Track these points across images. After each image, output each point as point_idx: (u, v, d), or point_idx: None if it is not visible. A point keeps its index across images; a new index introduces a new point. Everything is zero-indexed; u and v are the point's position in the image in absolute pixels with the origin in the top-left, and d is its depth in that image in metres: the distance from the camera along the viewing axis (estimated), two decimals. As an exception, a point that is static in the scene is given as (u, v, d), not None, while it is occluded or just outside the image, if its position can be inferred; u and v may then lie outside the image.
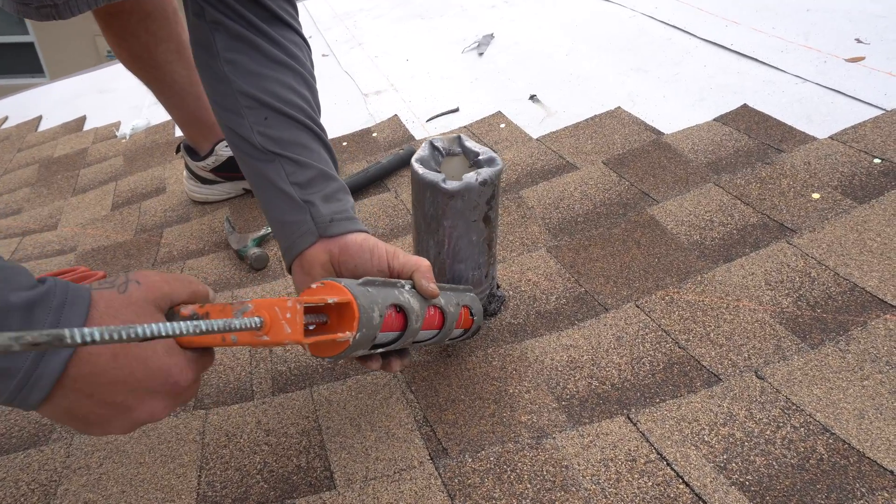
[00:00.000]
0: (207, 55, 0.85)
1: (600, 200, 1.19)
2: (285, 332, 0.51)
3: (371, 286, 0.64)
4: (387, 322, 0.65)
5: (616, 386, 0.82)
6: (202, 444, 0.80)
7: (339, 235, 0.77)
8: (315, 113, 0.86)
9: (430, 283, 0.72)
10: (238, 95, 0.82)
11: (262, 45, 0.84)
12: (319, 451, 0.77)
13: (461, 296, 0.84)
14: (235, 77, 0.82)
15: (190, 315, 0.55)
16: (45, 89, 2.86)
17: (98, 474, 0.76)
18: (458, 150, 0.94)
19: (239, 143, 0.83)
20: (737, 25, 1.67)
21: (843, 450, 0.67)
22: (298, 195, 0.78)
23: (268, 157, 0.80)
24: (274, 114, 0.81)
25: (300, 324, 0.51)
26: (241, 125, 0.82)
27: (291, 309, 0.51)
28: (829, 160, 1.11)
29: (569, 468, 0.70)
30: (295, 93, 0.83)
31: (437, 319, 0.76)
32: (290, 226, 0.78)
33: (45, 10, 0.83)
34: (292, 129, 0.81)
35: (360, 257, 0.75)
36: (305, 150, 0.81)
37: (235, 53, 0.83)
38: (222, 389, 0.91)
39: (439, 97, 1.78)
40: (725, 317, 0.88)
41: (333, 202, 0.79)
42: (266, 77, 0.83)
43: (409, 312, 0.68)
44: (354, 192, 1.43)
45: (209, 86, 0.87)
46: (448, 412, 0.81)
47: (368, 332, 0.60)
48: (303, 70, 0.87)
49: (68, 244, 1.52)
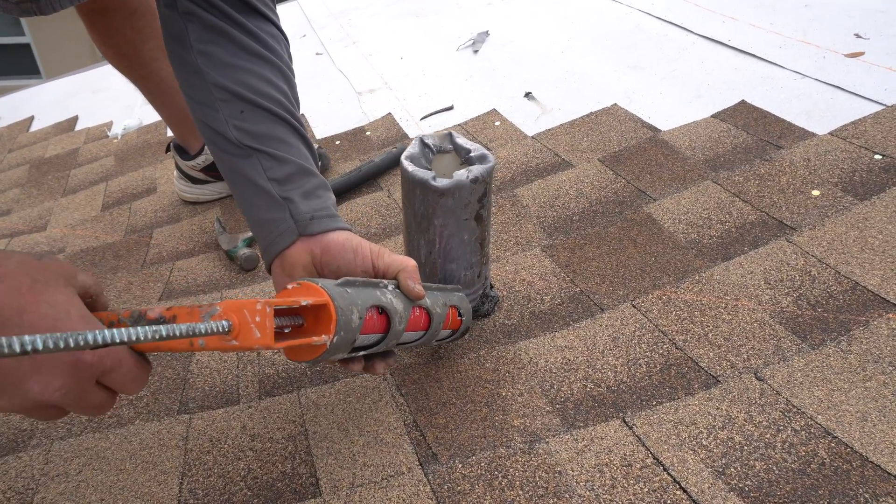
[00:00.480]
0: (180, 47, 0.82)
1: (596, 198, 1.17)
2: (255, 337, 0.48)
3: (350, 287, 0.61)
4: (368, 324, 0.62)
5: (611, 388, 0.80)
6: (185, 449, 0.77)
7: (320, 234, 0.74)
8: (293, 107, 0.82)
9: (415, 283, 0.70)
10: (212, 88, 0.79)
11: (238, 37, 0.81)
12: (305, 457, 0.75)
13: (449, 296, 0.82)
14: (209, 69, 0.79)
15: (156, 318, 0.52)
16: (38, 89, 2.84)
17: (77, 482, 0.74)
18: (450, 147, 0.92)
19: (214, 139, 0.80)
20: (734, 21, 1.65)
21: (845, 454, 0.65)
22: (277, 192, 0.75)
23: (244, 152, 0.77)
24: (250, 107, 0.78)
25: (270, 328, 0.48)
26: (216, 119, 0.78)
27: (261, 312, 0.48)
28: (828, 156, 1.09)
29: (562, 474, 0.68)
30: (272, 85, 0.80)
31: (423, 320, 0.74)
32: (268, 224, 0.75)
33: (26, 5, 0.80)
34: (269, 122, 0.78)
35: (342, 257, 0.72)
36: (284, 144, 0.78)
37: (209, 45, 0.80)
38: (208, 393, 0.89)
39: (434, 95, 1.76)
40: (724, 317, 0.86)
41: (314, 199, 0.76)
42: (241, 69, 0.80)
43: (391, 314, 0.65)
44: (347, 192, 1.40)
45: (182, 79, 0.84)
46: (439, 416, 0.78)
47: (347, 335, 0.57)
48: (280, 63, 0.84)
49: (57, 245, 1.50)
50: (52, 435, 0.83)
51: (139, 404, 0.87)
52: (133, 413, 0.86)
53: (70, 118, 2.37)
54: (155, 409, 0.86)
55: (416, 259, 0.92)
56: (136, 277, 1.26)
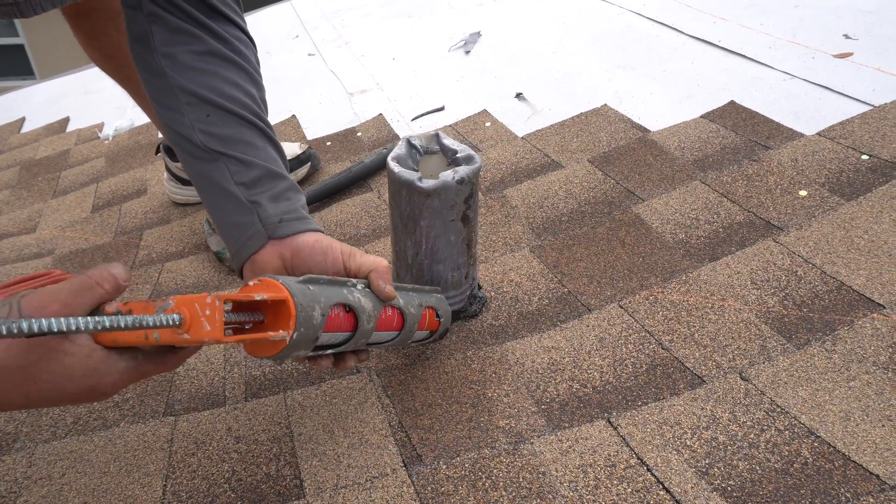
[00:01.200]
0: (144, 49, 0.81)
1: (585, 199, 1.17)
2: (204, 330, 0.49)
3: (314, 284, 0.61)
4: (333, 321, 0.62)
5: (597, 389, 0.80)
6: (170, 452, 0.77)
7: (289, 236, 0.73)
8: (261, 109, 0.82)
9: (385, 284, 0.70)
10: (177, 91, 0.78)
11: (203, 39, 0.80)
12: (290, 459, 0.75)
13: (426, 297, 0.81)
14: (174, 72, 0.78)
15: (113, 312, 0.53)
16: (29, 90, 2.83)
17: (60, 485, 0.73)
18: (437, 148, 0.92)
19: (180, 143, 0.79)
20: (724, 22, 1.65)
21: (828, 453, 0.65)
22: (244, 195, 0.75)
23: (211, 156, 0.76)
24: (216, 110, 0.77)
25: (220, 321, 0.49)
26: (182, 123, 0.78)
27: (211, 306, 0.49)
28: (816, 157, 1.09)
29: (546, 474, 0.68)
30: (238, 88, 0.80)
31: (396, 320, 0.73)
32: (237, 228, 0.75)
33: (6, 7, 0.79)
34: (236, 125, 0.77)
35: (312, 260, 0.72)
36: (251, 147, 0.77)
37: (173, 47, 0.79)
38: (194, 395, 0.89)
39: (425, 96, 1.76)
40: (710, 317, 0.86)
41: (282, 201, 0.76)
42: (207, 72, 0.79)
43: (359, 312, 0.65)
44: (337, 193, 1.40)
45: (147, 82, 0.83)
46: (424, 417, 0.78)
47: (308, 331, 0.58)
48: (247, 65, 0.83)
49: (46, 247, 1.49)
50: (36, 438, 0.83)
51: (125, 406, 0.87)
52: (118, 415, 0.85)
53: (61, 119, 2.36)
54: (140, 412, 0.86)
55: (403, 260, 0.92)
56: (125, 279, 1.25)
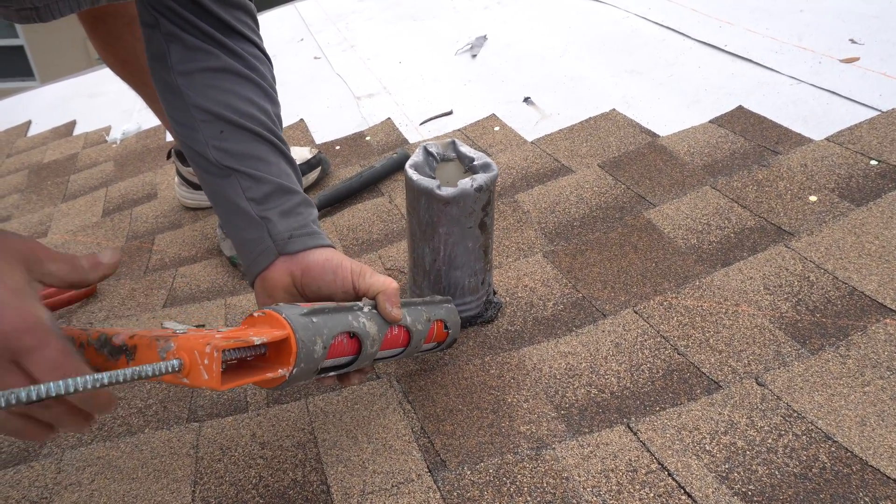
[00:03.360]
0: (161, 68, 0.82)
1: (596, 204, 1.19)
2: (202, 379, 0.50)
3: (318, 315, 0.62)
4: (337, 348, 0.64)
5: (615, 394, 0.81)
6: (196, 458, 0.78)
7: (299, 252, 0.74)
8: (275, 125, 0.83)
9: (392, 307, 0.70)
10: (192, 109, 0.79)
11: (219, 56, 0.81)
12: (315, 465, 0.76)
13: (435, 309, 0.82)
14: (189, 90, 0.80)
15: (119, 346, 0.55)
16: (35, 93, 2.83)
17: (90, 490, 0.75)
18: (453, 156, 0.93)
19: (195, 159, 0.81)
20: (731, 26, 1.66)
21: (845, 458, 0.67)
22: (255, 211, 0.76)
23: (224, 172, 0.77)
24: (230, 127, 0.78)
25: (217, 371, 0.50)
26: (196, 140, 0.79)
27: (209, 356, 0.49)
28: (825, 162, 1.11)
29: (569, 480, 0.69)
30: (253, 104, 0.81)
31: (403, 338, 0.75)
32: (249, 244, 0.76)
33: (26, 12, 0.81)
34: (249, 141, 0.78)
35: (322, 279, 0.72)
36: (263, 163, 0.78)
37: (190, 65, 0.80)
38: (216, 401, 0.90)
39: (432, 100, 1.77)
40: (724, 322, 0.87)
41: (292, 217, 0.76)
42: (222, 89, 0.80)
43: (363, 338, 0.66)
44: (348, 197, 1.41)
45: (164, 99, 0.84)
46: (446, 423, 0.80)
47: (308, 365, 0.59)
48: (262, 82, 0.84)
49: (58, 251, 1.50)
50: (63, 444, 0.84)
51: (148, 412, 0.88)
52: (142, 421, 0.87)
53: (68, 122, 2.37)
54: (164, 417, 0.87)
55: (421, 266, 0.93)
56: (140, 284, 1.27)
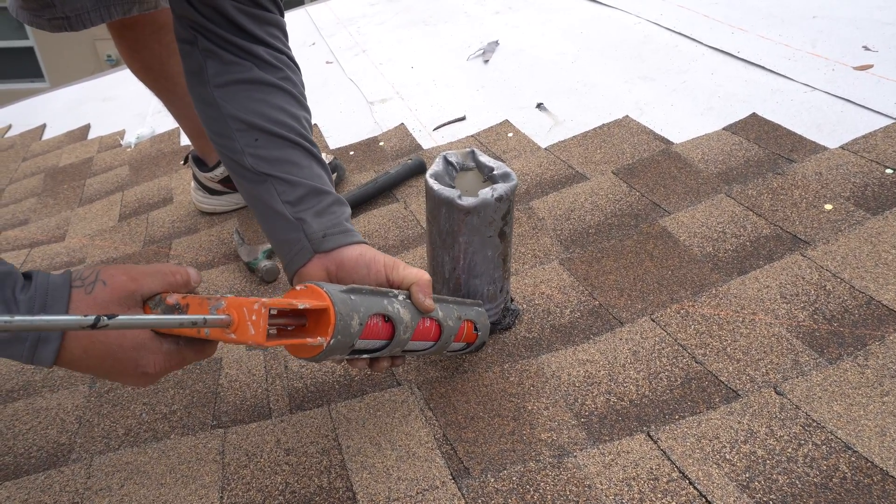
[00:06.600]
0: (198, 82, 0.87)
1: (611, 211, 1.19)
2: (249, 333, 0.54)
3: (356, 294, 0.66)
4: (371, 330, 0.67)
5: (634, 402, 0.82)
6: (222, 464, 0.80)
7: (334, 250, 0.78)
8: (306, 130, 0.87)
9: (426, 297, 0.74)
10: (228, 120, 0.84)
11: (253, 69, 0.86)
12: (340, 471, 0.77)
13: (466, 310, 0.85)
14: (225, 102, 0.84)
15: (173, 305, 0.62)
16: (49, 97, 2.86)
17: (120, 496, 0.76)
18: (472, 165, 0.94)
19: (232, 166, 0.85)
20: (743, 32, 1.67)
21: (866, 468, 0.68)
22: (291, 213, 0.80)
23: (259, 178, 0.82)
24: (264, 135, 0.83)
25: (263, 327, 0.54)
26: (233, 148, 0.84)
27: (257, 312, 0.54)
28: (840, 170, 1.11)
29: (591, 488, 0.71)
30: (285, 112, 0.85)
31: (434, 331, 0.78)
32: (286, 244, 0.81)
33: (57, 21, 0.84)
34: (282, 148, 0.83)
35: (356, 272, 0.77)
36: (296, 167, 0.83)
37: (226, 78, 0.85)
38: (239, 407, 0.91)
39: (445, 105, 1.78)
40: (742, 331, 0.88)
41: (326, 216, 0.81)
42: (256, 100, 0.85)
43: (396, 323, 0.69)
44: (364, 203, 1.43)
45: (201, 111, 0.89)
46: (468, 430, 0.81)
47: (345, 338, 0.62)
48: (293, 90, 0.89)
49: (77, 255, 1.52)
50: (91, 449, 0.85)
51: (173, 418, 0.90)
52: (168, 427, 0.88)
53: (82, 126, 2.39)
54: (189, 423, 0.89)
55: (440, 274, 0.94)
56: (159, 289, 1.28)
